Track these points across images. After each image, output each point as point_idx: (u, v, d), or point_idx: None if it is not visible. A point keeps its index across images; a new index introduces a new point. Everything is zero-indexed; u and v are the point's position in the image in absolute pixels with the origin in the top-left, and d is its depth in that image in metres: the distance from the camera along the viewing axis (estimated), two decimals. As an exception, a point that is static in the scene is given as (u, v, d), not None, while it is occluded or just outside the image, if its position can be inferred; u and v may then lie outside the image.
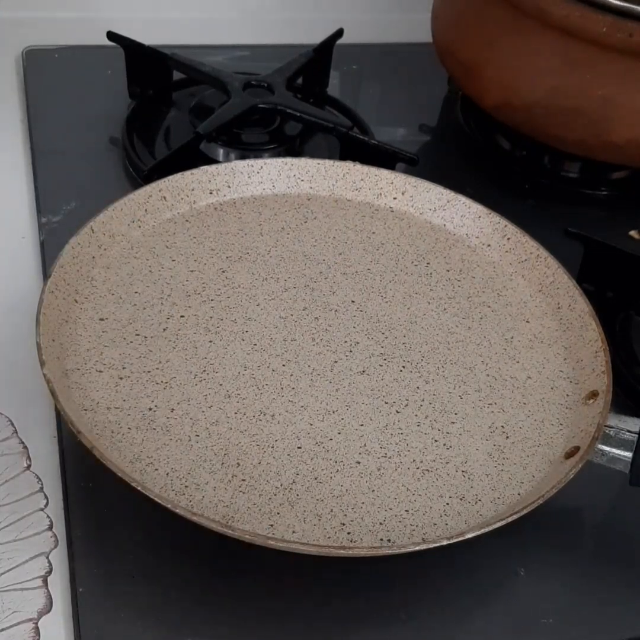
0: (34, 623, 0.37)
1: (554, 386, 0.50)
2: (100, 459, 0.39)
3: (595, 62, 0.59)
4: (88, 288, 0.50)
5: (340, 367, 0.49)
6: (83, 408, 0.44)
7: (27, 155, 0.65)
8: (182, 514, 0.38)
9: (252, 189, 0.58)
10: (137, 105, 0.69)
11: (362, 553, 0.40)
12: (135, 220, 0.54)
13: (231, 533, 0.38)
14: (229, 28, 0.82)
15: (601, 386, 0.47)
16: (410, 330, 0.52)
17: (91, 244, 0.51)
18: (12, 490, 0.42)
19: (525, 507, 0.41)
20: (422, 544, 0.39)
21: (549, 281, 0.55)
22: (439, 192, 0.59)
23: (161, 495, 0.39)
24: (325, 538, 0.41)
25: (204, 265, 0.53)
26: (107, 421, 0.44)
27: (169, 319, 0.50)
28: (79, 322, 0.48)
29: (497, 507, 0.43)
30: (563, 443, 0.46)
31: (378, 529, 0.42)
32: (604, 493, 0.49)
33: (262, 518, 0.41)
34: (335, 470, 0.44)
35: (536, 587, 0.44)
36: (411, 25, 0.74)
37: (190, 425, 0.45)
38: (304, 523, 0.42)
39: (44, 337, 0.44)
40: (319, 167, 0.59)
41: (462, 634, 0.43)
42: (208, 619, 0.41)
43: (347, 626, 0.42)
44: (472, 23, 0.65)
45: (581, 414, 0.47)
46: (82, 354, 0.47)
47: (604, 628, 0.44)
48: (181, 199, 0.56)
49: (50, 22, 0.78)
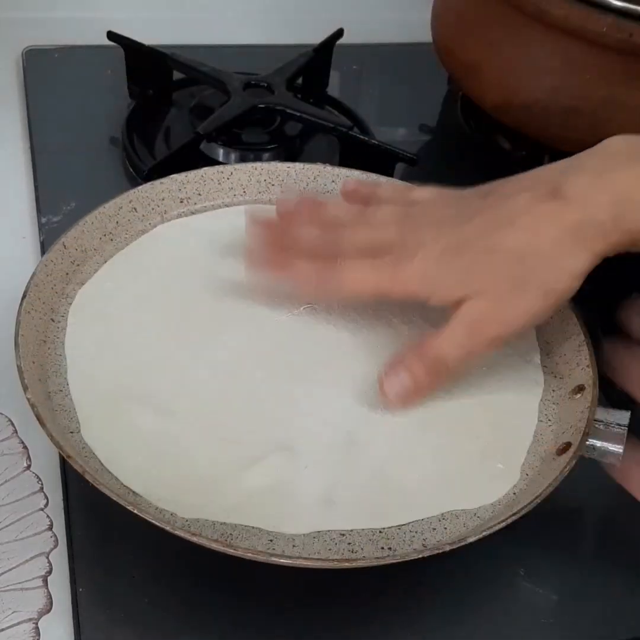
0: (34, 623, 0.37)
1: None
2: (94, 483, 0.39)
3: (595, 62, 0.59)
4: (64, 306, 0.49)
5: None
6: (69, 430, 0.43)
7: (27, 155, 0.65)
8: (181, 535, 0.38)
9: (223, 196, 0.57)
10: (137, 105, 0.69)
11: (367, 564, 0.39)
12: (107, 233, 0.52)
13: (233, 552, 0.37)
14: (229, 28, 0.82)
15: (587, 380, 0.47)
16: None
17: (64, 260, 0.50)
18: (12, 490, 0.42)
19: (523, 508, 0.40)
20: (426, 550, 0.39)
21: None
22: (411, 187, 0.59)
23: (158, 517, 0.39)
24: (326, 550, 0.41)
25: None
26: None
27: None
28: (58, 341, 0.47)
29: (494, 507, 0.43)
30: (553, 439, 0.46)
31: (378, 538, 0.41)
32: (602, 490, 0.49)
33: (261, 533, 0.41)
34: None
35: (536, 587, 0.44)
36: (411, 25, 0.74)
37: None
38: (304, 536, 0.41)
39: (24, 359, 0.43)
40: (289, 170, 0.58)
41: (462, 634, 0.43)
42: (208, 619, 0.41)
43: (346, 628, 0.42)
44: (472, 23, 0.65)
45: (569, 408, 0.47)
46: (63, 374, 0.46)
47: (604, 628, 0.44)
48: (152, 209, 0.55)
49: (50, 22, 0.78)
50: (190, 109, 0.69)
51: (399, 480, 0.44)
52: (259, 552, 0.38)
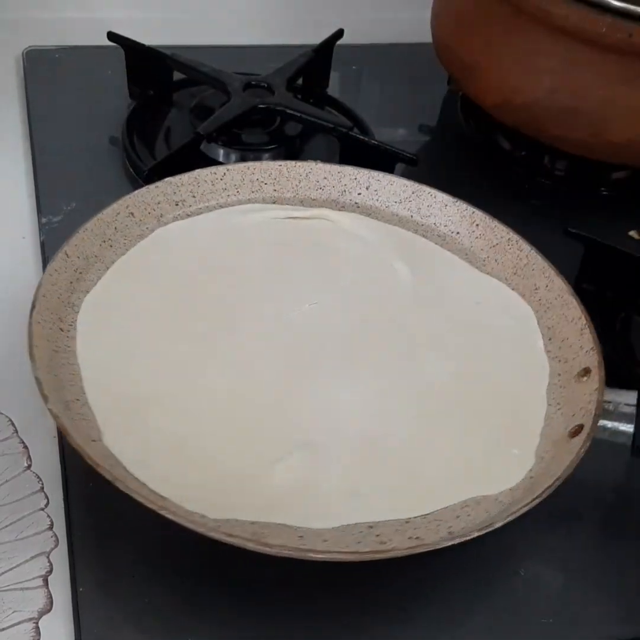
0: (34, 623, 0.37)
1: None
2: (125, 490, 0.39)
3: (595, 62, 0.59)
4: (71, 315, 0.49)
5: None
6: (91, 439, 0.43)
7: (27, 155, 0.65)
8: (216, 537, 0.38)
9: (217, 197, 0.57)
10: (137, 105, 0.69)
11: (400, 554, 0.39)
12: (106, 239, 0.52)
13: (268, 550, 0.38)
14: (229, 28, 0.82)
15: (592, 362, 0.48)
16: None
17: (67, 269, 0.50)
18: (12, 490, 0.42)
19: (545, 490, 0.41)
20: (455, 538, 0.39)
21: (523, 263, 0.55)
22: (403, 184, 0.59)
23: (191, 520, 0.39)
24: (356, 543, 0.41)
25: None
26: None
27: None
28: (69, 350, 0.47)
29: (513, 492, 0.44)
30: (563, 422, 0.47)
31: (405, 528, 0.42)
32: (602, 490, 0.49)
33: (291, 530, 0.41)
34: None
35: (536, 587, 0.44)
36: (411, 25, 0.74)
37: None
38: (332, 530, 0.41)
39: (40, 370, 0.43)
40: (281, 168, 0.59)
41: (462, 634, 0.43)
42: (208, 619, 0.41)
43: (346, 628, 0.42)
44: (472, 23, 0.65)
45: (576, 391, 0.48)
46: (78, 383, 0.45)
47: (603, 628, 0.44)
48: (148, 213, 0.55)
49: (50, 22, 0.78)
50: (190, 109, 0.69)
51: (420, 470, 0.44)
52: (294, 549, 0.39)
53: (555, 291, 0.53)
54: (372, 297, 0.53)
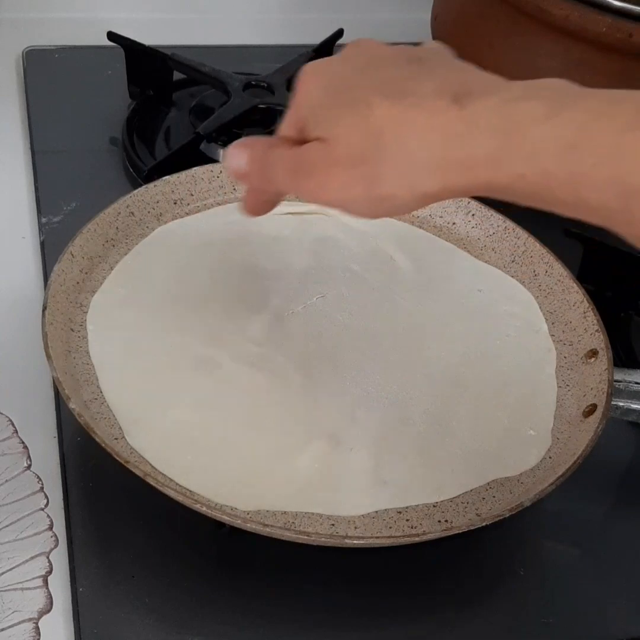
0: (34, 622, 0.37)
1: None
2: (156, 486, 0.39)
3: (595, 62, 0.59)
4: (79, 315, 0.49)
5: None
6: (114, 437, 0.43)
7: (27, 155, 0.65)
8: (253, 529, 0.38)
9: (214, 195, 0.57)
10: (137, 105, 0.69)
11: (433, 537, 0.40)
12: (109, 239, 0.53)
13: (305, 539, 0.38)
14: (229, 28, 0.82)
15: (599, 344, 0.49)
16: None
17: (74, 270, 0.50)
18: (12, 490, 0.42)
19: (569, 469, 0.42)
20: (486, 519, 0.40)
21: (520, 251, 0.56)
22: None
23: (226, 512, 0.39)
24: (387, 528, 0.41)
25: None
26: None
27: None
28: (82, 350, 0.47)
29: (535, 473, 0.44)
30: (575, 403, 0.47)
31: (433, 512, 0.42)
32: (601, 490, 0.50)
33: (322, 519, 0.41)
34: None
35: (536, 587, 0.44)
36: (411, 25, 0.74)
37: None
38: (362, 517, 0.42)
39: (59, 371, 0.43)
40: None
41: (462, 633, 0.43)
42: (208, 619, 0.41)
43: (345, 627, 0.42)
44: (472, 23, 0.65)
45: (585, 372, 0.49)
46: (95, 382, 0.46)
47: (604, 628, 0.44)
48: (148, 212, 0.55)
49: (50, 22, 0.78)
50: (190, 109, 0.69)
51: (443, 455, 0.45)
52: (331, 535, 0.40)
53: (555, 276, 0.54)
54: (377, 287, 0.54)
